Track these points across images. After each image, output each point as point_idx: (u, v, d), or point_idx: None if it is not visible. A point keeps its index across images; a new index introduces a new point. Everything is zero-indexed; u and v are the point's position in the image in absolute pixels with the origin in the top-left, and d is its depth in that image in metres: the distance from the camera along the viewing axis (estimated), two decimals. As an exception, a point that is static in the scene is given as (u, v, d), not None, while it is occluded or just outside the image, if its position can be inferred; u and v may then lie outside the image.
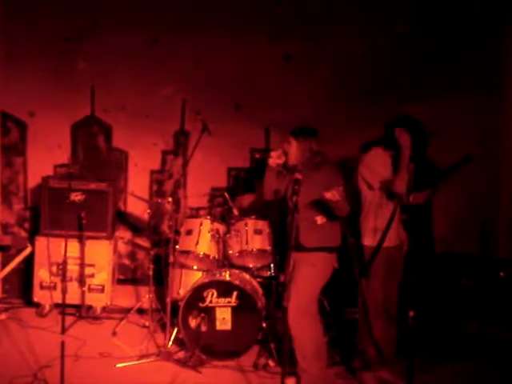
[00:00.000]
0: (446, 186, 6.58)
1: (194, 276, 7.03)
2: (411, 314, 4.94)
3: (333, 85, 7.99)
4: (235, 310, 6.43)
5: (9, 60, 7.95)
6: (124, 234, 8.31)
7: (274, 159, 5.73)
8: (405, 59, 7.90)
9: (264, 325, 6.46)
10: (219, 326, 6.41)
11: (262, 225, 6.83)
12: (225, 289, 6.45)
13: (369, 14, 7.87)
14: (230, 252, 6.82)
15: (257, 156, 5.78)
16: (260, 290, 6.77)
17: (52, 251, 7.36)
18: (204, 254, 6.84)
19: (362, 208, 6.03)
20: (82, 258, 7.48)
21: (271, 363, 6.27)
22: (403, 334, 5.85)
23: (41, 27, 8.01)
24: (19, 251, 7.40)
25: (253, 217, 6.86)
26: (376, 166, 5.92)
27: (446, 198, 7.08)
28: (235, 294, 6.42)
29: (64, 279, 5.54)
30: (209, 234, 6.85)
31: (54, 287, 7.55)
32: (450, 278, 6.89)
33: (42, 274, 7.64)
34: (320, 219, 5.68)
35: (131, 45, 8.00)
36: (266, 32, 7.91)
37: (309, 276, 5.67)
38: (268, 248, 6.75)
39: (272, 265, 6.92)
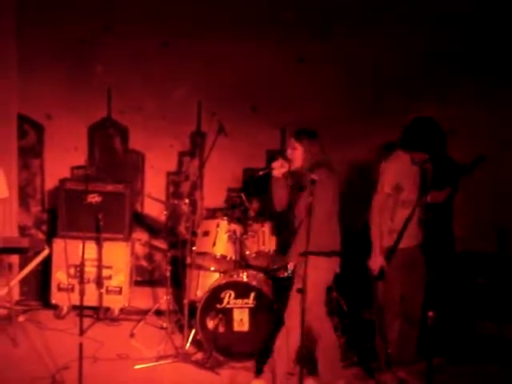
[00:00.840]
0: (464, 185, 6.54)
1: (212, 277, 7.04)
2: (430, 314, 4.92)
3: (346, 85, 7.95)
4: (253, 311, 6.42)
5: (25, 63, 7.97)
6: (141, 235, 8.32)
7: (278, 170, 5.66)
8: (418, 59, 7.83)
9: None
10: (237, 327, 6.40)
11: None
12: (242, 290, 6.44)
13: (382, 14, 7.82)
14: (247, 253, 6.82)
15: (260, 173, 5.71)
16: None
17: (69, 253, 7.39)
18: (221, 255, 6.84)
19: None
20: (99, 259, 7.50)
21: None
22: (423, 334, 5.84)
23: (56, 31, 8.02)
24: (37, 253, 7.42)
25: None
26: (390, 172, 5.84)
27: (464, 196, 7.03)
28: (252, 295, 6.42)
29: (82, 281, 5.55)
30: (226, 235, 6.84)
31: (72, 289, 7.58)
32: (468, 277, 6.85)
33: (59, 275, 7.66)
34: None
35: (145, 48, 8.00)
36: (278, 34, 7.87)
37: (311, 280, 5.51)
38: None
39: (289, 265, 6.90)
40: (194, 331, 6.59)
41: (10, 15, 7.72)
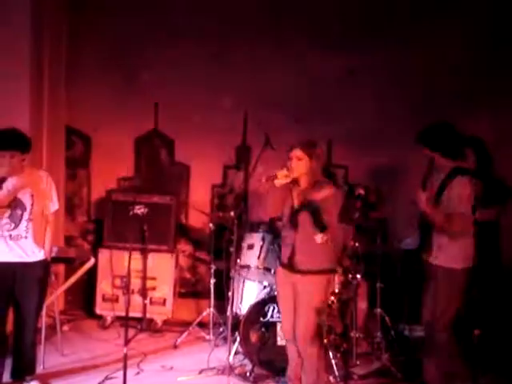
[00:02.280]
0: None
1: (255, 290, 7.02)
2: (476, 332, 4.84)
3: (394, 98, 7.91)
4: (296, 325, 6.37)
5: (73, 75, 8.06)
6: (185, 247, 8.35)
7: (282, 179, 5.52)
8: (470, 71, 7.77)
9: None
10: (280, 341, 6.36)
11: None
12: (286, 304, 6.40)
13: (429, 26, 7.78)
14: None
15: (263, 181, 5.64)
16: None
17: (114, 264, 7.43)
18: (265, 268, 6.81)
19: None
20: (144, 270, 7.53)
21: (332, 379, 6.20)
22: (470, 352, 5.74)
23: (104, 44, 8.14)
24: (82, 263, 7.47)
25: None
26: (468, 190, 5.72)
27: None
28: (296, 309, 6.38)
29: (128, 292, 5.58)
30: (270, 248, 6.82)
31: (116, 300, 7.62)
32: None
33: (104, 286, 7.72)
34: (320, 238, 5.35)
35: (193, 59, 8.05)
36: (328, 45, 7.88)
37: (314, 304, 5.45)
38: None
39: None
40: (237, 344, 6.58)
41: (61, 29, 7.82)
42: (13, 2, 7.00)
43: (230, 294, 6.72)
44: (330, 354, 6.18)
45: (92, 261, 7.10)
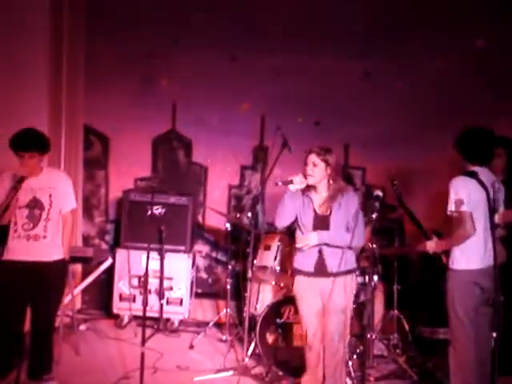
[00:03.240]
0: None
1: (272, 291, 7.03)
2: (494, 334, 4.81)
3: (410, 100, 7.90)
4: (313, 327, 6.38)
5: (92, 76, 8.11)
6: (202, 247, 8.36)
7: (297, 185, 5.50)
8: (482, 73, 7.75)
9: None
10: (296, 342, 6.37)
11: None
12: (302, 305, 6.41)
13: (446, 29, 7.76)
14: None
15: (278, 183, 5.60)
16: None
17: (131, 263, 7.46)
18: (282, 269, 6.83)
19: None
20: (161, 271, 7.55)
21: (348, 381, 6.19)
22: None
23: (123, 45, 8.17)
24: (100, 263, 7.52)
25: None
26: (453, 191, 5.68)
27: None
28: (312, 310, 6.38)
29: (145, 292, 5.60)
30: (287, 250, 6.83)
31: (133, 299, 7.66)
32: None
33: (121, 285, 7.75)
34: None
35: (210, 62, 8.07)
36: (344, 50, 7.88)
37: (347, 304, 5.52)
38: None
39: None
40: (253, 345, 6.59)
41: (80, 30, 7.86)
42: (32, 6, 7.07)
43: (246, 294, 6.74)
44: (347, 355, 6.16)
45: (109, 261, 7.15)
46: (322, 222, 5.46)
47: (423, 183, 7.74)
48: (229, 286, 7.31)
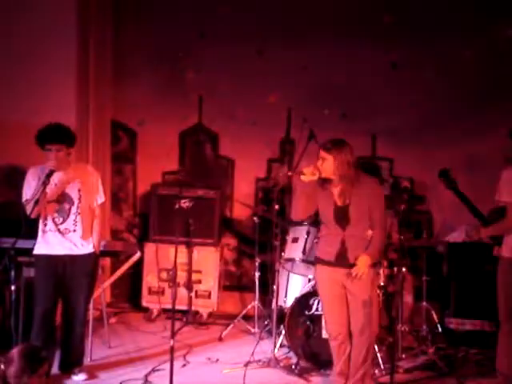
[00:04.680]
0: None
1: (300, 284, 7.03)
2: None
3: (438, 91, 7.86)
4: (341, 319, 6.37)
5: (119, 70, 8.17)
6: (230, 240, 8.38)
7: (308, 176, 5.45)
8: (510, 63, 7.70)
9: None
10: (325, 334, 6.35)
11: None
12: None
13: (472, 19, 7.71)
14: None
15: (289, 173, 5.55)
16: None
17: (160, 257, 7.48)
18: (309, 261, 6.81)
19: None
20: (189, 264, 7.58)
21: (377, 372, 6.19)
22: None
23: (150, 40, 8.21)
24: (129, 257, 7.54)
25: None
26: (502, 182, 5.65)
27: None
28: (341, 302, 6.37)
29: (174, 285, 5.62)
30: (315, 242, 6.82)
31: (162, 292, 7.70)
32: None
33: (150, 279, 7.80)
34: (370, 234, 5.44)
35: (237, 55, 8.08)
36: (371, 40, 7.84)
37: (373, 297, 5.50)
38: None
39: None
40: (282, 337, 6.60)
41: (107, 25, 7.91)
42: (59, 3, 7.11)
43: (274, 287, 6.74)
44: (376, 347, 6.15)
45: (138, 254, 7.18)
46: (342, 214, 5.44)
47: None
48: (257, 279, 7.32)
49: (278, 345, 6.57)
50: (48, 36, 7.11)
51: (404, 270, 6.61)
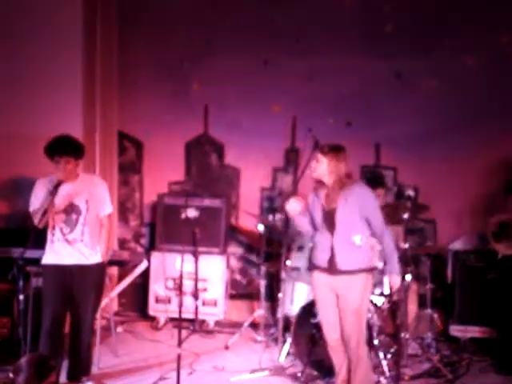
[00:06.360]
0: None
1: (306, 292, 7.06)
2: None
3: (441, 100, 7.90)
4: (347, 327, 6.40)
5: (125, 81, 8.24)
6: (236, 249, 8.42)
7: (292, 210, 5.59)
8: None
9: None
10: (330, 342, 6.40)
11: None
12: (336, 305, 6.43)
13: (476, 27, 7.76)
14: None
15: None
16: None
17: (167, 266, 7.54)
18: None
19: None
20: (195, 272, 7.62)
21: (382, 380, 6.22)
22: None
23: (156, 51, 8.28)
24: (135, 266, 7.60)
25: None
26: None
27: None
28: (346, 310, 6.40)
29: (181, 293, 5.68)
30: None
31: (169, 301, 7.75)
32: None
33: (157, 288, 7.85)
34: (359, 240, 5.45)
35: (242, 65, 8.13)
36: (375, 50, 7.90)
37: (360, 304, 5.48)
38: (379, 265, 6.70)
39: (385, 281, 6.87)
40: (288, 345, 6.64)
41: (113, 35, 7.98)
42: (65, 13, 7.19)
43: (280, 295, 6.79)
44: (381, 354, 6.19)
45: (145, 263, 7.23)
46: (329, 218, 5.48)
47: (454, 183, 7.72)
48: (263, 287, 7.37)
49: (283, 353, 6.61)
50: (54, 48, 7.17)
51: (409, 277, 6.64)
